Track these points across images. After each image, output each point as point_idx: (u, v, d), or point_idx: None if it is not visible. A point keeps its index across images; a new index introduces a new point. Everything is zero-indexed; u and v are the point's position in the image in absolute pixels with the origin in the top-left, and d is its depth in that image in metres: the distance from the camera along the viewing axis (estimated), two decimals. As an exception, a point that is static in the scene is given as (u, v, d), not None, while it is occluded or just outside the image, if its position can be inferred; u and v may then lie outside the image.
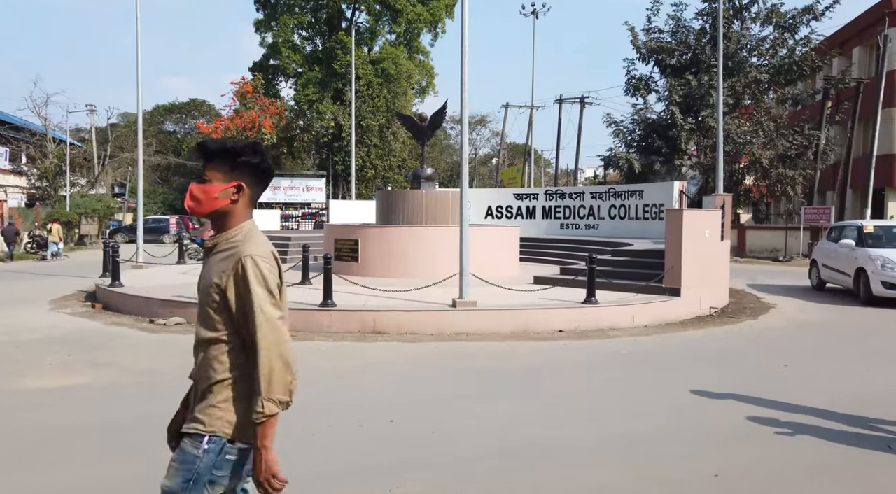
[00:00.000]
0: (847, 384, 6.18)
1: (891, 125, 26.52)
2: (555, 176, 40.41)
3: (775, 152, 23.90)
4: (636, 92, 26.83)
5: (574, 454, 4.25)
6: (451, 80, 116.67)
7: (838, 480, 3.86)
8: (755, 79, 23.78)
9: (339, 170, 32.73)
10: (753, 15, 24.23)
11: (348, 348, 7.52)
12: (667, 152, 24.86)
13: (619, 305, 9.11)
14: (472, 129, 56.97)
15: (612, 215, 17.04)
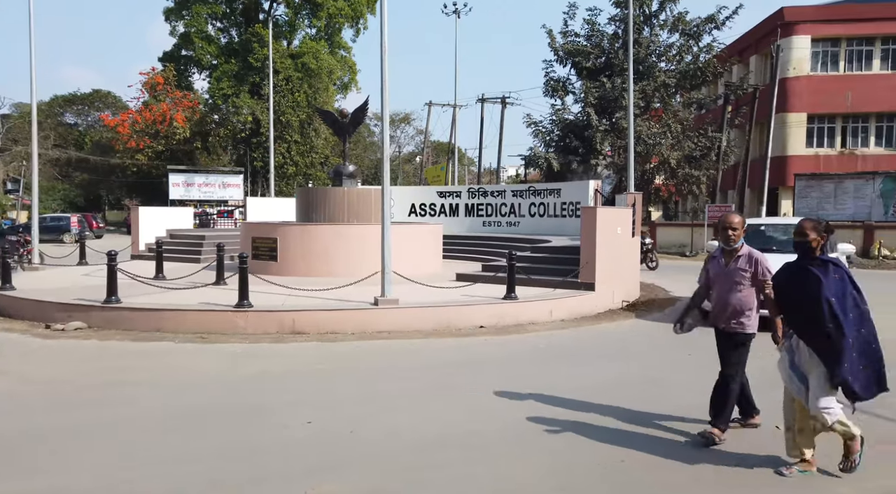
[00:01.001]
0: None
1: (784, 129, 28.76)
2: (478, 174, 40.97)
3: (682, 153, 25.29)
4: (554, 93, 27.61)
5: (492, 448, 4.32)
6: (375, 76, 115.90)
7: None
8: (663, 83, 25.06)
9: (258, 166, 31.72)
10: (662, 22, 25.52)
11: (265, 349, 7.30)
12: (583, 152, 25.76)
13: (537, 300, 9.35)
14: (397, 127, 56.84)
15: (533, 213, 17.47)
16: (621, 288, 10.87)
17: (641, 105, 25.13)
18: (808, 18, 28.41)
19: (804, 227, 3.82)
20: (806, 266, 3.81)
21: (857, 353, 3.64)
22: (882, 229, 20.76)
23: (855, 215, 22.15)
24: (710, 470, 3.95)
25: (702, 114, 29.89)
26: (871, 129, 29.28)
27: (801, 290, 3.78)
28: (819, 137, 29.55)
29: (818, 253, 3.80)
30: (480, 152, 36.91)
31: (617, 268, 10.77)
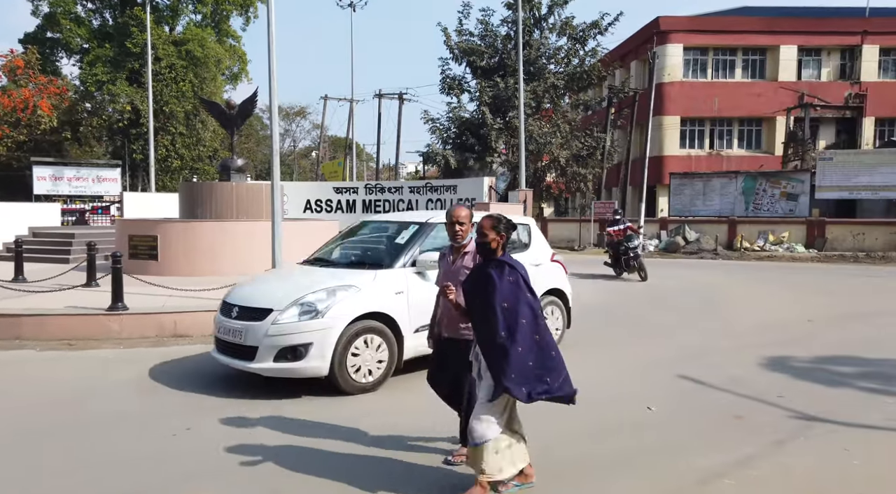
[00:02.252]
0: (623, 357, 7.05)
1: (660, 131, 30.95)
2: (376, 170, 40.70)
3: (570, 152, 26.50)
4: (451, 91, 27.96)
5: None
6: (266, 67, 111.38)
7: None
8: (553, 84, 26.12)
9: (138, 159, 29.53)
10: (551, 25, 26.57)
11: (142, 354, 6.80)
12: (479, 150, 26.32)
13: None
14: (292, 121, 55.11)
15: (430, 209, 17.61)
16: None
17: (533, 105, 26.05)
18: (680, 28, 30.72)
19: (483, 226, 3.43)
20: (485, 268, 3.43)
21: (531, 362, 3.30)
22: (743, 223, 22.91)
23: (721, 211, 24.27)
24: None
25: (588, 115, 31.49)
26: (734, 132, 32.23)
27: (478, 295, 3.39)
28: (691, 139, 32.11)
29: (500, 253, 3.44)
30: (378, 148, 36.70)
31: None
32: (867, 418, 4.75)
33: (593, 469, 3.87)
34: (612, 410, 5.01)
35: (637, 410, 5.00)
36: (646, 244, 23.32)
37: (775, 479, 3.71)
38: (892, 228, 21.09)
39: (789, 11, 33.12)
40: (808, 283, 13.62)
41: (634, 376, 6.06)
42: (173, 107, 29.60)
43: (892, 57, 31.31)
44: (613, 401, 5.25)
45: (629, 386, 5.69)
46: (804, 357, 6.72)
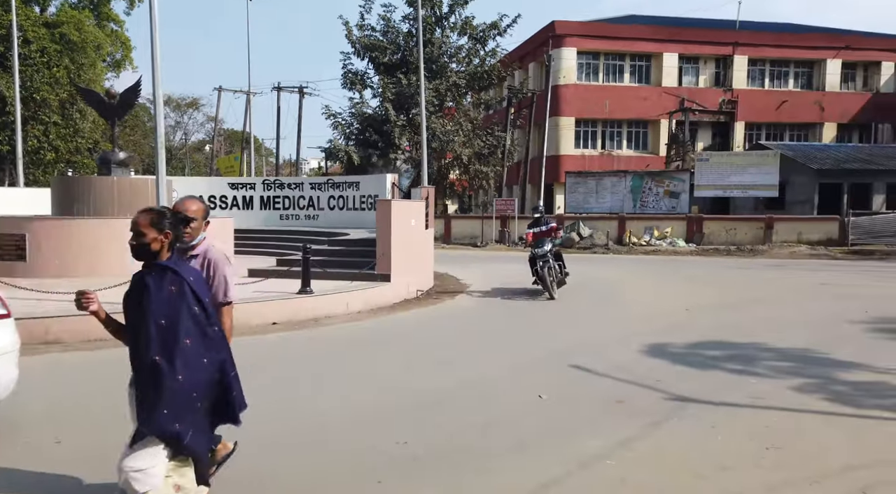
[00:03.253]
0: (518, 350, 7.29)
1: (557, 131, 32.23)
2: (276, 165, 39.41)
3: (473, 150, 27.02)
4: (353, 86, 27.62)
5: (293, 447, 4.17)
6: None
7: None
8: (455, 83, 26.49)
9: (4, 151, 26.77)
10: (452, 25, 26.92)
11: (7, 366, 6.17)
12: (382, 146, 26.20)
13: (334, 294, 9.26)
14: (183, 113, 52.17)
15: (332, 206, 17.29)
16: (416, 278, 11.25)
17: (436, 102, 26.28)
18: (574, 33, 32.13)
19: (138, 223, 2.75)
20: (143, 276, 2.77)
21: (196, 393, 2.70)
22: (632, 220, 24.38)
23: (612, 208, 25.69)
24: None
25: (489, 114, 32.23)
26: (624, 134, 34.18)
27: (133, 309, 2.76)
28: (585, 139, 33.69)
29: (165, 255, 2.78)
30: (278, 143, 35.55)
31: (412, 259, 11.13)
32: (732, 397, 5.21)
33: (483, 455, 3.97)
34: (506, 400, 5.18)
35: (529, 399, 5.19)
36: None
37: (651, 458, 3.98)
38: (759, 224, 23.25)
39: (672, 21, 35.57)
40: (688, 275, 14.74)
41: (529, 367, 6.29)
42: (46, 95, 27.07)
43: (758, 67, 34.45)
44: (508, 392, 5.42)
45: (524, 377, 5.90)
46: (680, 343, 7.26)
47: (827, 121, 34.30)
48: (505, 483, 3.63)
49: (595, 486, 3.59)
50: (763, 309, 9.96)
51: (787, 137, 34.54)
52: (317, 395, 5.35)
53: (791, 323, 8.58)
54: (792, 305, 10.36)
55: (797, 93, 34.28)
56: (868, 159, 27.19)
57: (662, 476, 3.71)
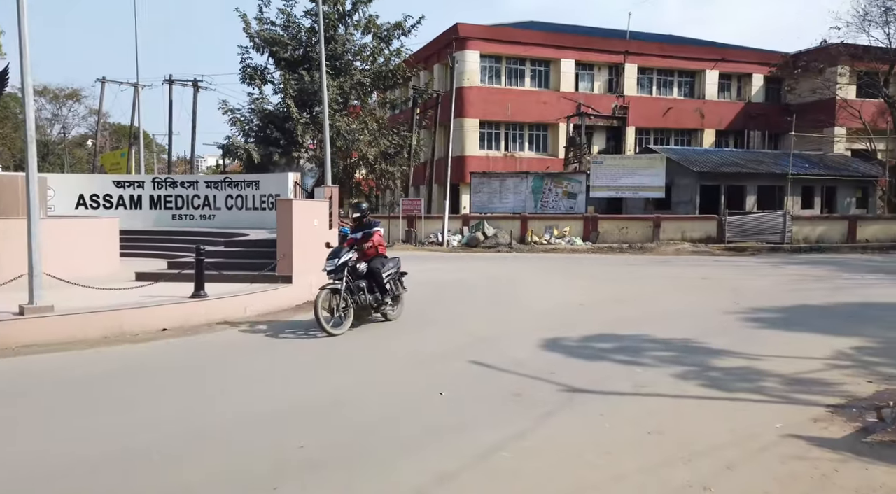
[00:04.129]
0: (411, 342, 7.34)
1: (462, 132, 32.70)
2: (168, 162, 37.20)
3: (379, 149, 26.84)
4: (252, 81, 26.59)
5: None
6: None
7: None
8: (359, 81, 26.19)
9: None
10: (356, 22, 26.58)
11: None
12: (285, 144, 25.42)
13: (230, 297, 8.89)
14: (62, 104, 48.03)
15: (230, 205, 16.59)
16: (320, 279, 11.01)
17: (340, 101, 25.87)
18: (477, 36, 32.76)
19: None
20: None
21: None
22: (533, 219, 25.23)
23: (514, 208, 26.44)
24: None
25: (395, 114, 32.16)
26: (525, 136, 35.28)
27: None
28: (489, 141, 34.45)
29: None
30: (170, 138, 33.59)
31: (314, 260, 10.88)
32: (620, 386, 5.53)
33: (381, 454, 3.97)
34: (407, 397, 5.20)
35: (430, 396, 5.24)
36: (450, 239, 24.57)
37: (544, 447, 4.14)
38: (648, 223, 24.81)
39: (569, 29, 37.15)
40: (583, 272, 15.47)
41: (432, 364, 6.35)
42: None
43: (647, 75, 36.72)
44: (409, 389, 5.45)
45: (426, 374, 5.94)
46: (575, 337, 7.61)
47: (707, 128, 37.14)
48: (402, 479, 3.65)
49: (490, 478, 3.69)
50: (650, 302, 10.64)
51: (673, 142, 37.09)
52: (209, 402, 5.12)
53: (674, 315, 9.23)
54: (675, 298, 11.14)
55: (681, 101, 36.86)
56: (742, 163, 29.75)
57: (554, 465, 3.87)
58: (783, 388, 5.45)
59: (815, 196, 29.92)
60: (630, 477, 3.68)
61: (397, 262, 8.79)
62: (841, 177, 30.23)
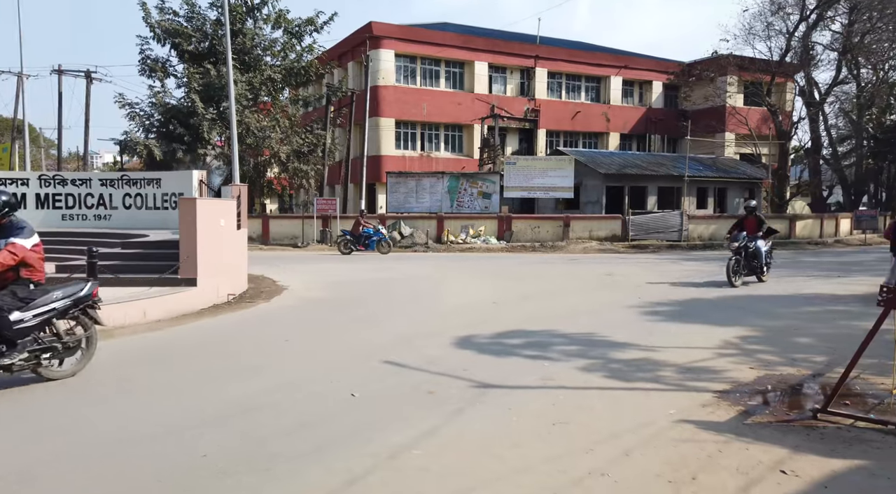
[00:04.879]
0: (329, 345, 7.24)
1: (377, 131, 32.54)
2: (58, 159, 34.52)
3: (292, 147, 26.19)
4: (153, 74, 25.19)
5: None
6: None
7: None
8: (270, 77, 25.44)
9: None
10: (265, 16, 25.80)
11: None
12: (189, 140, 24.27)
13: (127, 302, 8.38)
14: (-69, 93, 43.31)
15: (128, 205, 15.65)
16: (227, 282, 10.62)
17: (249, 96, 25.02)
18: (392, 35, 32.69)
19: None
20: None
21: None
22: (449, 219, 25.48)
23: (431, 208, 26.60)
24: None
25: (309, 111, 31.51)
26: (441, 136, 35.60)
27: None
28: (405, 141, 34.48)
29: None
30: (60, 133, 31.10)
31: (222, 261, 10.47)
32: (528, 380, 5.70)
33: (291, 459, 3.88)
34: (318, 401, 5.11)
35: (342, 398, 5.18)
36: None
37: (454, 443, 4.20)
38: (559, 222, 25.72)
39: (482, 32, 37.81)
40: (497, 271, 15.81)
41: (344, 366, 6.27)
42: None
43: (556, 80, 38.07)
44: (321, 393, 5.35)
45: (338, 377, 5.86)
46: (487, 334, 7.76)
47: (612, 131, 39.01)
48: (311, 483, 3.59)
49: (399, 476, 3.70)
50: (559, 299, 11.04)
51: (581, 144, 38.67)
52: (103, 415, 4.80)
53: (581, 311, 9.62)
54: (582, 295, 11.62)
55: (588, 106, 38.50)
56: (644, 166, 31.49)
57: (463, 459, 3.93)
58: (677, 377, 5.83)
59: (708, 197, 32.16)
60: (535, 468, 3.80)
61: (66, 291, 5.61)
62: (731, 179, 32.67)
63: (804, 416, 4.70)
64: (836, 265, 17.32)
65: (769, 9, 31.85)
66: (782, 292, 11.62)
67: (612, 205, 28.57)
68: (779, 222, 27.81)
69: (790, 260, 18.92)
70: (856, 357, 4.57)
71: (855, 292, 11.48)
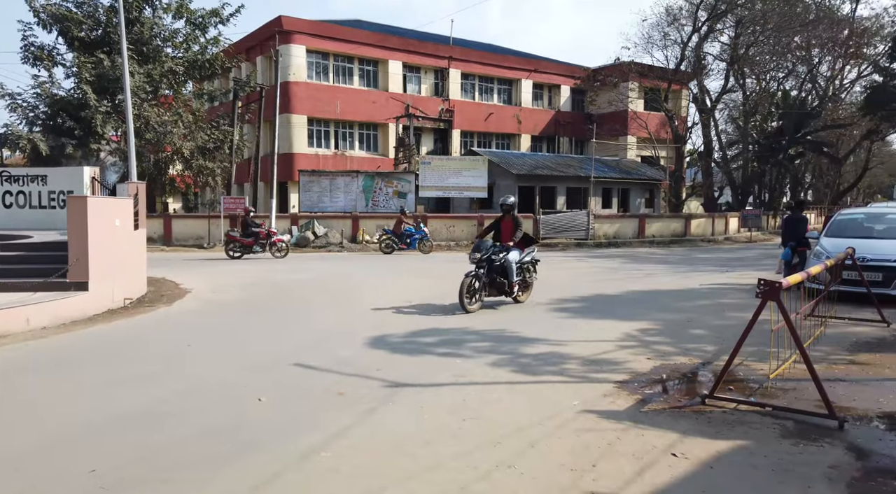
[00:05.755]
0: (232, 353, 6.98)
1: (289, 128, 31.67)
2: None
3: (196, 144, 24.97)
4: (38, 62, 23.21)
5: None
6: None
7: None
8: (171, 69, 24.12)
9: None
10: (165, 5, 24.42)
11: None
12: (81, 135, 22.57)
13: (6, 308, 7.67)
14: None
15: (8, 203, 14.35)
16: (123, 285, 9.97)
17: (149, 89, 23.63)
18: (303, 30, 31.91)
19: None
20: None
21: None
22: (364, 219, 25.24)
23: (345, 207, 26.25)
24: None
25: (215, 106, 30.17)
26: (356, 135, 35.17)
27: None
28: (318, 138, 33.78)
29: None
30: (-72, 124, 27.95)
31: (117, 264, 9.82)
32: (439, 377, 5.75)
33: (192, 469, 3.71)
34: (223, 408, 4.91)
35: (248, 403, 5.00)
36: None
37: (365, 443, 4.17)
38: (473, 221, 26.10)
39: (396, 30, 37.72)
40: (413, 269, 15.84)
41: (251, 370, 6.05)
42: None
43: (470, 81, 38.62)
44: (226, 399, 5.15)
45: (245, 381, 5.65)
46: (401, 333, 7.75)
47: (524, 133, 40.09)
48: (216, 492, 3.44)
49: (307, 480, 3.63)
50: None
51: (494, 145, 39.47)
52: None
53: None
54: (495, 292, 11.84)
55: (500, 107, 39.35)
56: (553, 167, 32.60)
57: (374, 459, 3.91)
58: (581, 369, 6.08)
59: (612, 197, 33.79)
60: (446, 464, 3.84)
61: None
62: (633, 180, 34.49)
63: (694, 402, 5.04)
64: (726, 260, 18.70)
65: (665, 19, 33.95)
66: (681, 287, 12.40)
67: (524, 205, 29.36)
68: (676, 221, 29.69)
69: (686, 257, 20.24)
70: (738, 346, 4.95)
71: (743, 285, 12.45)
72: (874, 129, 35.17)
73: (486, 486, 3.56)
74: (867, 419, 4.67)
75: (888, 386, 5.53)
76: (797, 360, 5.52)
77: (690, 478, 3.65)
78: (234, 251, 18.28)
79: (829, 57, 36.19)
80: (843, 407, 4.87)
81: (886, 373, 5.96)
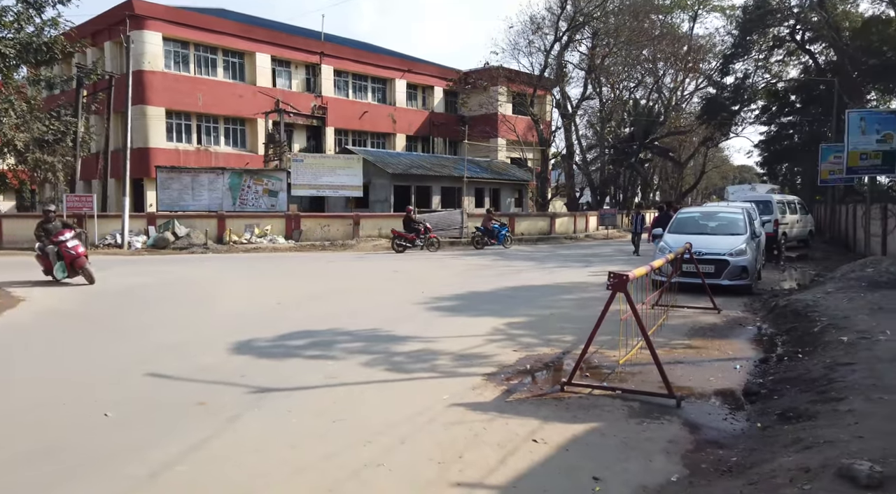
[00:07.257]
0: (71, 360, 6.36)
1: (144, 121, 29.27)
2: None
3: (31, 135, 22.31)
4: None
5: None
6: None
7: None
8: (1, 52, 21.32)
9: None
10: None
11: None
12: None
13: None
14: None
15: None
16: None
17: (-29, 72, 20.69)
18: (158, 16, 29.62)
19: None
20: None
21: None
22: (231, 218, 23.99)
23: (210, 206, 24.76)
24: None
25: (55, 94, 27.17)
26: (221, 130, 33.30)
27: None
28: (178, 132, 31.55)
29: None
30: None
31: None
32: (309, 380, 5.62)
33: (35, 491, 3.31)
34: (66, 423, 4.43)
35: (94, 418, 4.57)
36: (132, 240, 21.79)
37: (227, 453, 3.97)
38: (349, 220, 25.77)
39: (263, 22, 36.19)
40: (284, 271, 15.33)
41: (98, 383, 5.53)
42: None
43: (343, 78, 38.06)
44: (68, 415, 4.65)
45: (90, 395, 5.15)
46: (269, 336, 7.47)
47: (399, 133, 40.24)
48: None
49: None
50: (345, 297, 11.07)
51: (370, 144, 39.24)
52: None
53: (367, 307, 9.75)
54: (369, 292, 11.80)
55: (375, 106, 39.19)
56: (428, 167, 33.06)
57: (235, 469, 3.74)
58: (452, 364, 6.23)
59: (485, 196, 34.96)
60: (314, 466, 3.77)
61: None
62: (503, 181, 35.93)
63: (555, 390, 5.36)
64: (586, 256, 20.08)
65: (530, 27, 35.71)
66: (548, 282, 13.10)
67: (400, 204, 29.49)
68: (542, 219, 31.33)
69: (552, 254, 21.44)
70: (591, 335, 5.33)
71: (601, 279, 13.42)
72: (709, 136, 39.60)
73: (355, 485, 3.53)
74: (700, 396, 5.24)
75: (717, 365, 6.24)
76: (643, 347, 6.05)
77: (548, 461, 3.88)
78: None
79: (671, 69, 40.18)
80: (681, 386, 5.42)
81: (715, 354, 6.72)
